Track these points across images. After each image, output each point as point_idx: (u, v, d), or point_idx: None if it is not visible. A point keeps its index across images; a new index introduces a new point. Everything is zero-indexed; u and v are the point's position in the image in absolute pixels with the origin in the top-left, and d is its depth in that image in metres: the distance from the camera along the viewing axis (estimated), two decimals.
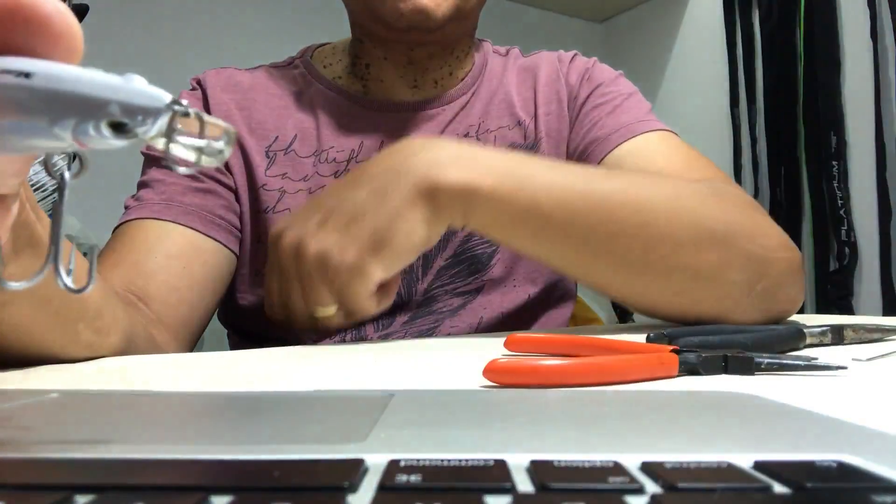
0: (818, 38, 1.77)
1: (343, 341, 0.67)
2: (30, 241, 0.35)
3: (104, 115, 0.17)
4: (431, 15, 0.64)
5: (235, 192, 0.69)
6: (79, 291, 0.20)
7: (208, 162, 0.18)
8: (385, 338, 0.68)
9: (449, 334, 0.69)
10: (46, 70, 0.17)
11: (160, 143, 0.18)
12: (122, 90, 0.17)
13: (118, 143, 0.18)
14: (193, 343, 0.65)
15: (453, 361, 0.40)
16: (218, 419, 0.24)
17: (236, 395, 0.28)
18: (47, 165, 0.20)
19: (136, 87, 0.17)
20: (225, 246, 0.66)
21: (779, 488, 0.14)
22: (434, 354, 0.44)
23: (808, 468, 0.16)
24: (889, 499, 0.13)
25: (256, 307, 0.69)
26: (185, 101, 0.17)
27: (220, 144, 0.18)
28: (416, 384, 0.32)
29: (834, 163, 1.74)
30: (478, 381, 0.32)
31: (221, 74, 0.73)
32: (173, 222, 0.63)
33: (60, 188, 0.21)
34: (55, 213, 0.20)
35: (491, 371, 0.31)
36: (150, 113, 0.17)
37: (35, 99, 0.17)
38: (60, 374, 0.38)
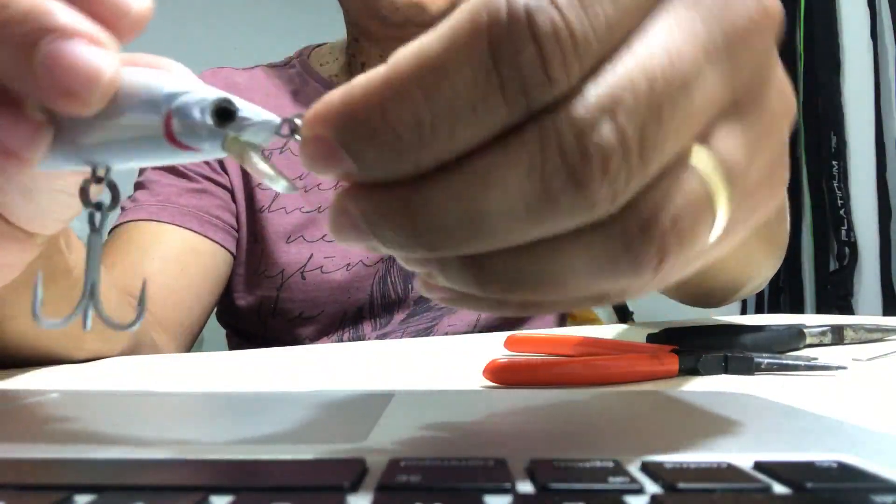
0: (818, 38, 1.77)
1: (341, 341, 0.68)
2: (62, 272, 0.35)
3: (216, 98, 0.17)
4: (427, 8, 0.64)
5: (231, 191, 0.69)
6: (127, 328, 0.20)
7: (279, 183, 0.18)
8: (383, 337, 0.68)
9: (447, 332, 0.69)
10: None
11: (252, 159, 0.18)
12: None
13: (213, 138, 0.18)
14: (191, 343, 0.65)
15: (453, 361, 0.40)
16: (218, 419, 0.24)
17: (236, 395, 0.28)
18: (83, 194, 0.21)
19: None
20: (222, 246, 0.66)
21: (779, 488, 0.14)
22: (434, 354, 0.44)
23: (808, 468, 0.16)
24: (889, 499, 0.13)
25: (254, 308, 0.69)
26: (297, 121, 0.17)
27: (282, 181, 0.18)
28: (416, 384, 0.32)
29: (834, 163, 1.74)
30: (478, 381, 0.32)
31: (218, 74, 0.73)
32: (170, 223, 0.63)
33: (97, 219, 0.21)
34: (91, 248, 0.20)
35: (491, 371, 0.31)
36: (256, 116, 0.18)
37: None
38: (60, 374, 0.38)
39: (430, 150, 0.14)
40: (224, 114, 0.17)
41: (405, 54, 0.14)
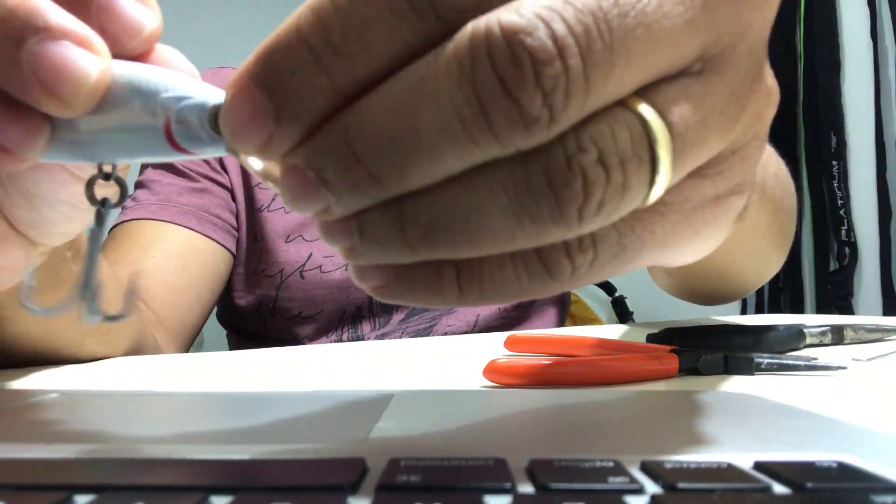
0: (818, 38, 1.77)
1: (340, 340, 0.68)
2: (65, 281, 0.35)
3: (214, 105, 0.17)
4: None
5: (231, 190, 0.69)
6: (114, 319, 0.20)
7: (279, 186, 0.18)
8: (382, 336, 0.68)
9: (446, 332, 0.69)
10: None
11: (253, 160, 0.18)
12: None
13: (213, 144, 0.18)
14: (191, 342, 0.65)
15: (453, 361, 0.40)
16: (218, 419, 0.24)
17: (236, 395, 0.28)
18: (89, 191, 0.21)
19: None
20: (222, 245, 0.66)
21: (779, 488, 0.14)
22: (434, 354, 0.44)
23: (808, 468, 0.16)
24: (889, 499, 0.13)
25: (253, 307, 0.69)
26: None
27: None
28: (416, 384, 0.32)
29: (834, 163, 1.74)
30: (478, 381, 0.32)
31: (218, 74, 0.73)
32: (170, 222, 0.63)
33: (101, 216, 0.21)
34: (92, 240, 0.20)
35: (491, 371, 0.31)
36: None
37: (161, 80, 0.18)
38: (60, 374, 0.38)
39: (347, 64, 0.14)
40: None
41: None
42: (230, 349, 0.75)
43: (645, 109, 0.15)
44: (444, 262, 0.16)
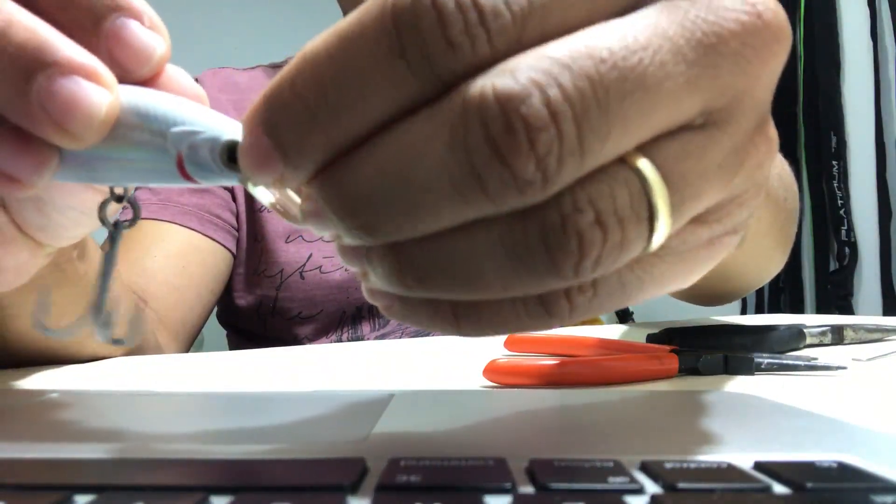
0: (818, 38, 1.77)
1: (340, 340, 0.68)
2: (71, 280, 0.35)
3: (226, 141, 0.18)
4: None
5: (231, 190, 0.69)
6: (120, 343, 0.20)
7: (294, 217, 0.18)
8: (382, 337, 0.68)
9: None
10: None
11: (262, 193, 0.18)
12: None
13: (224, 177, 0.18)
14: (191, 342, 0.65)
15: (453, 361, 0.40)
16: (218, 419, 0.24)
17: (236, 395, 0.28)
18: (101, 212, 0.21)
19: None
20: (222, 245, 0.66)
21: (779, 488, 0.14)
22: (434, 354, 0.44)
23: (808, 468, 0.16)
24: (889, 499, 0.13)
25: (253, 307, 0.69)
26: None
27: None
28: (416, 384, 0.32)
29: (834, 163, 1.74)
30: (478, 381, 0.32)
31: (219, 74, 0.73)
32: (170, 222, 0.63)
33: (114, 237, 0.21)
34: (106, 263, 0.20)
35: (491, 371, 0.31)
36: None
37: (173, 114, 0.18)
38: (60, 374, 0.38)
39: (343, 120, 0.14)
40: (235, 154, 0.18)
41: (320, 35, 0.14)
42: (230, 349, 0.75)
43: (644, 165, 0.15)
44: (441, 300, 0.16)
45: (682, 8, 0.15)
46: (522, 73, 0.13)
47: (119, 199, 0.20)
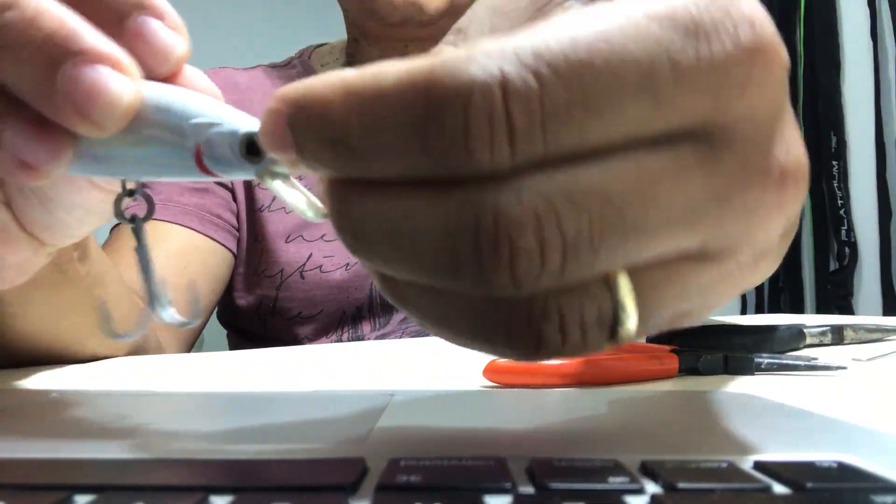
0: (818, 39, 1.77)
1: (341, 340, 0.68)
2: (71, 281, 0.35)
3: (244, 133, 0.18)
4: (425, 8, 0.64)
5: (232, 190, 0.69)
6: (186, 325, 0.21)
7: (307, 213, 0.19)
8: (382, 337, 0.68)
9: None
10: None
11: (280, 188, 0.18)
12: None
13: (242, 170, 0.18)
14: (192, 342, 0.65)
15: (453, 361, 0.40)
16: (218, 419, 0.24)
17: (236, 395, 0.28)
18: (117, 207, 0.21)
19: None
20: (223, 245, 0.66)
21: (779, 488, 0.14)
22: (434, 354, 0.44)
23: (808, 468, 0.16)
24: (889, 499, 0.13)
25: (253, 307, 0.69)
26: None
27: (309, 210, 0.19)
28: (416, 384, 0.32)
29: (834, 163, 1.74)
30: (478, 381, 0.32)
31: (219, 74, 0.73)
32: (171, 222, 0.63)
33: (137, 231, 0.21)
34: (142, 258, 0.21)
35: (491, 371, 0.31)
36: None
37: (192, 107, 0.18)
38: (60, 374, 0.38)
39: (355, 163, 0.14)
40: (254, 147, 0.18)
41: (369, 71, 0.14)
42: (230, 349, 0.75)
43: (622, 288, 0.15)
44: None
45: (720, 163, 0.15)
46: (527, 199, 0.13)
47: (130, 192, 0.21)
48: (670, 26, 0.14)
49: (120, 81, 0.18)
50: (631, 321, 0.15)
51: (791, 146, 0.17)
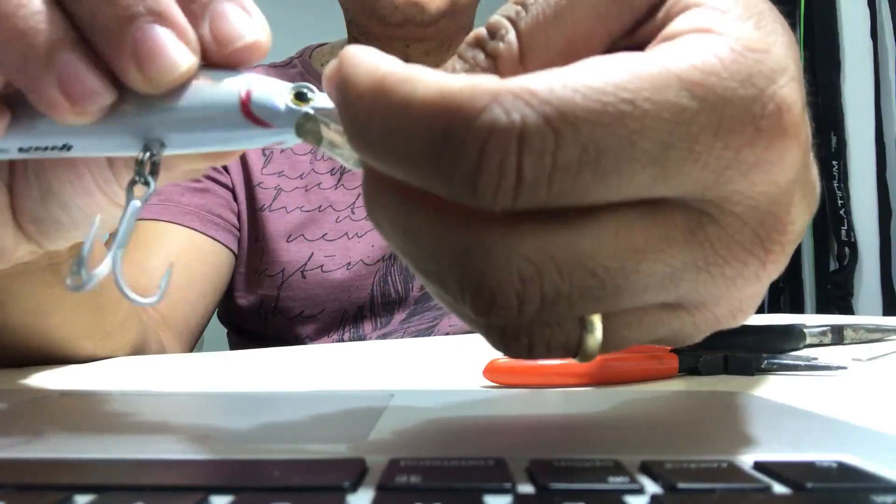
0: (818, 38, 1.77)
1: (342, 340, 0.68)
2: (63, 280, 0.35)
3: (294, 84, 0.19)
4: (426, 8, 0.64)
5: (233, 190, 0.69)
6: (146, 303, 0.21)
7: (348, 161, 0.19)
8: (383, 336, 0.68)
9: (448, 332, 0.69)
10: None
11: (326, 132, 0.19)
12: None
13: (290, 117, 0.19)
14: (194, 342, 0.65)
15: (453, 361, 0.40)
16: (218, 419, 0.24)
17: (236, 395, 0.28)
18: (129, 192, 0.21)
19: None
20: (223, 245, 0.66)
21: (779, 488, 0.14)
22: (434, 354, 0.44)
23: (808, 468, 0.16)
24: (889, 499, 0.13)
25: (254, 306, 0.69)
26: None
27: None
28: (416, 384, 0.32)
29: (834, 163, 1.74)
30: (478, 381, 0.32)
31: None
32: (172, 222, 0.63)
33: (128, 194, 0.21)
34: (126, 213, 0.21)
35: (491, 371, 0.31)
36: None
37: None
38: (60, 374, 0.38)
39: (377, 161, 0.15)
40: (301, 97, 0.19)
41: (406, 75, 0.14)
42: (230, 349, 0.75)
43: (594, 325, 0.16)
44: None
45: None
46: (514, 258, 0.15)
47: (149, 166, 0.21)
48: (701, 97, 0.14)
49: (182, 50, 0.19)
50: (595, 349, 0.16)
51: (793, 218, 0.17)
